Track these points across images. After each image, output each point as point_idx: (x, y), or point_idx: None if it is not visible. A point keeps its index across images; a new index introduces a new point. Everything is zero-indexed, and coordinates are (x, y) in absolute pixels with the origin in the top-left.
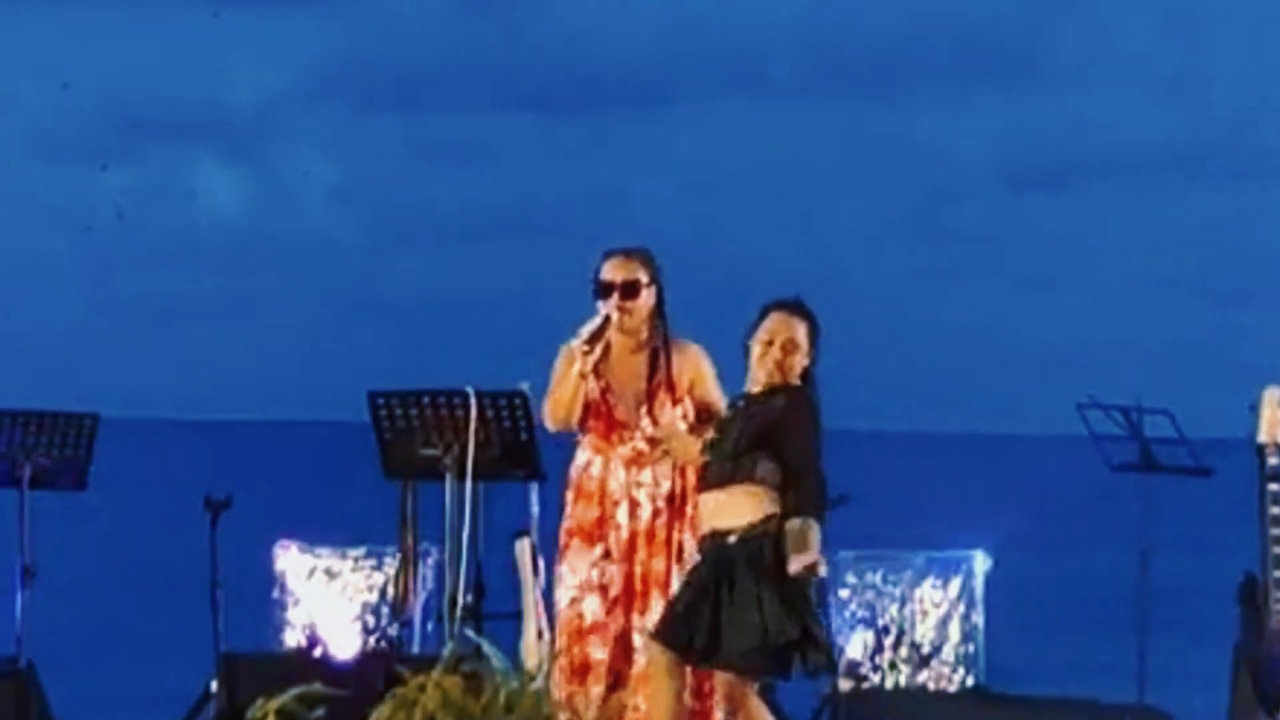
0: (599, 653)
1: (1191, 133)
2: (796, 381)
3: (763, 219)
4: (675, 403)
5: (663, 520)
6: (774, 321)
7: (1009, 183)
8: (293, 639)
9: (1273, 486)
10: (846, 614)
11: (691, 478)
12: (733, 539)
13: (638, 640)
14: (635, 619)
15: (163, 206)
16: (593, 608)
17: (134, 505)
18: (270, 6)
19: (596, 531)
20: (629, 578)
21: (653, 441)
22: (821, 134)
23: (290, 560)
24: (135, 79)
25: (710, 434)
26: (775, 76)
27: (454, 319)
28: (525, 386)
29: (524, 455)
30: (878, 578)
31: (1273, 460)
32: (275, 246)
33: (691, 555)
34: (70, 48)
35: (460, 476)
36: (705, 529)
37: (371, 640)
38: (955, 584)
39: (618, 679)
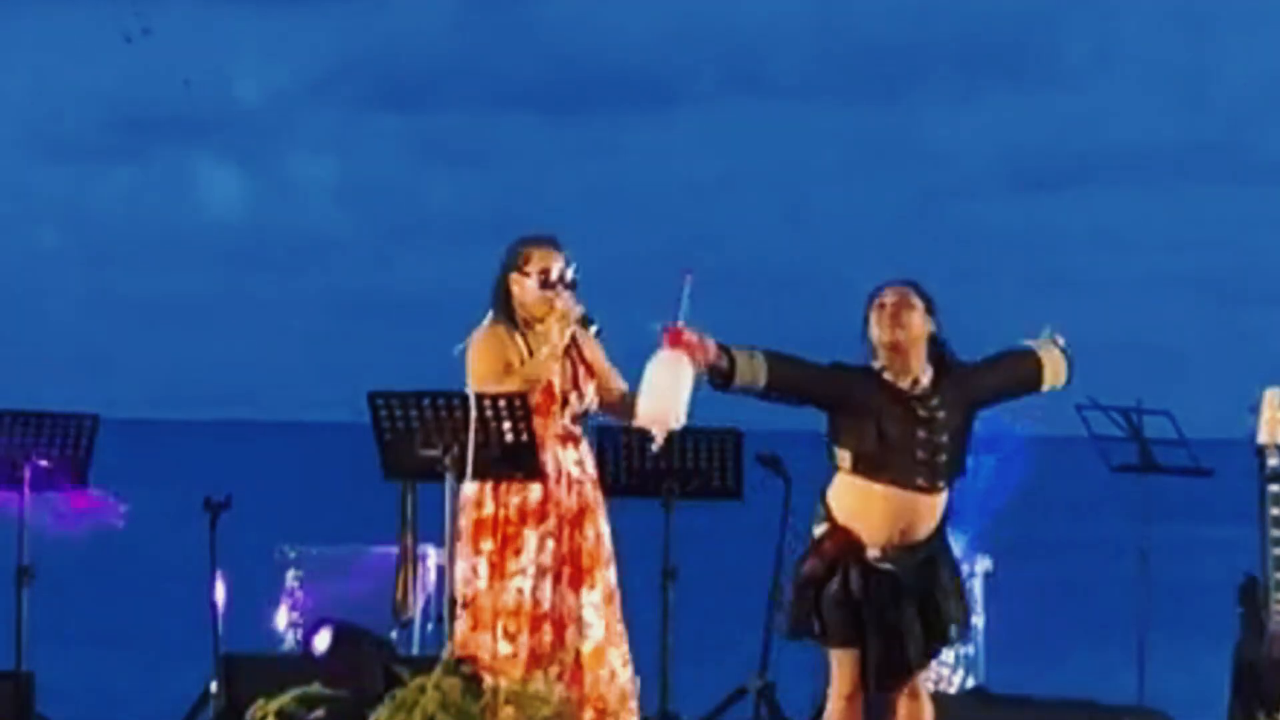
0: (548, 637)
1: (1194, 133)
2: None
3: (763, 219)
4: (590, 380)
5: (596, 497)
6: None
7: (1012, 182)
8: (293, 639)
9: (1273, 487)
10: None
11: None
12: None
13: (589, 616)
14: (585, 594)
15: (163, 205)
16: (547, 594)
17: (134, 505)
18: (272, 6)
19: (541, 510)
20: (575, 553)
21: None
22: (823, 134)
23: (290, 561)
24: (137, 77)
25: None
26: (775, 76)
27: (454, 319)
28: None
29: (524, 456)
30: None
31: (1273, 461)
32: (276, 246)
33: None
34: (71, 46)
35: (460, 477)
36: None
37: (371, 641)
38: None
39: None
